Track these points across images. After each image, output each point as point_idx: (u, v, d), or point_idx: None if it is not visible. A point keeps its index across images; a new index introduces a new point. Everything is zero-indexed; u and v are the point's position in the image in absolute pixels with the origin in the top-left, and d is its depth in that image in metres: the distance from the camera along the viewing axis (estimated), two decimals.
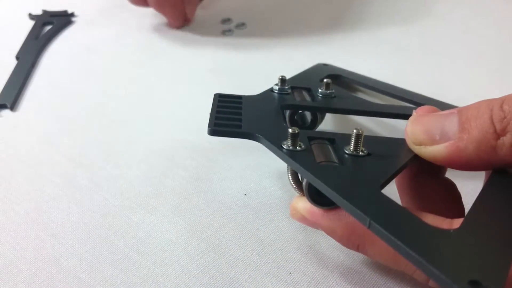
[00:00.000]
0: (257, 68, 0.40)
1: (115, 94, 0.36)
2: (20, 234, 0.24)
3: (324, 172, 0.19)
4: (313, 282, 0.21)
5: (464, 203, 0.22)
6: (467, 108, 0.19)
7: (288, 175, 0.21)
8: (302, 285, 0.21)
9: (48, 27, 0.47)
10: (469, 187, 0.23)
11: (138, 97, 0.36)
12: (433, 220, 0.18)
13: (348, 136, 0.21)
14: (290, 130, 0.20)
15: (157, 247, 0.23)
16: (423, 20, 0.49)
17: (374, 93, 0.34)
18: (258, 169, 0.28)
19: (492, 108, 0.18)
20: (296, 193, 0.22)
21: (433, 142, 0.19)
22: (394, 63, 0.41)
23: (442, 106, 0.29)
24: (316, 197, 0.20)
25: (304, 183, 0.20)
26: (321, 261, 0.22)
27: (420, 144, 0.20)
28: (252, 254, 0.23)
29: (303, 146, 0.21)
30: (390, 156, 0.20)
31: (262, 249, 0.23)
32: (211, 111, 0.24)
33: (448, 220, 0.18)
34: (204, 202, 0.26)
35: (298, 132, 0.20)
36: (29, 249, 0.23)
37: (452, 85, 0.37)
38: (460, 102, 0.30)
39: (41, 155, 0.29)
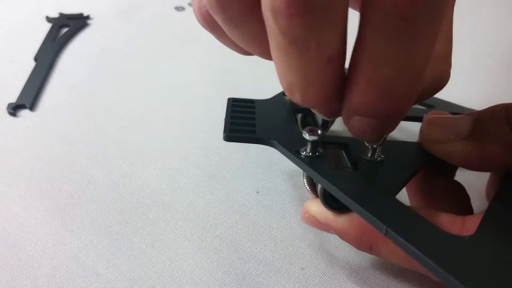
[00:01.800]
0: (269, 70, 0.41)
1: (131, 94, 0.37)
2: (40, 230, 0.24)
3: (339, 178, 0.19)
4: (324, 277, 0.22)
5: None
6: (482, 110, 0.19)
7: (303, 180, 0.22)
8: (314, 281, 0.22)
9: (65, 30, 0.48)
10: (476, 189, 0.23)
11: (154, 98, 0.37)
12: (446, 218, 0.18)
13: (361, 141, 0.21)
14: (308, 137, 0.20)
15: (172, 243, 0.24)
16: None
17: None
18: (270, 167, 0.29)
19: (507, 109, 0.18)
20: (310, 196, 0.22)
21: (449, 140, 0.19)
22: None
23: (449, 106, 0.29)
24: (331, 202, 0.20)
25: (319, 188, 0.20)
26: (332, 257, 0.23)
27: (435, 142, 0.20)
28: (265, 250, 0.23)
29: (321, 151, 0.20)
30: (404, 160, 0.20)
31: (275, 245, 0.23)
32: (226, 117, 0.24)
33: (460, 217, 0.18)
34: (218, 200, 0.26)
35: (317, 140, 0.20)
36: (49, 244, 0.24)
37: (457, 85, 0.37)
38: (466, 102, 0.30)
39: (60, 154, 0.30)
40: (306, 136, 0.20)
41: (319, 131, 0.20)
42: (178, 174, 0.28)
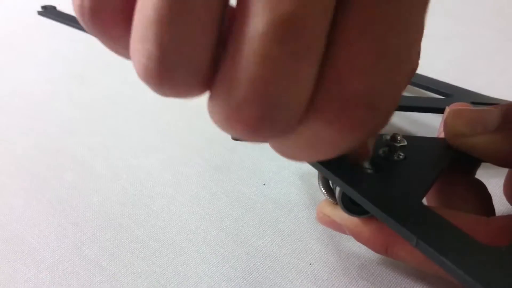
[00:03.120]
0: None
1: (134, 83, 0.36)
2: (43, 222, 0.24)
3: (360, 181, 0.17)
4: (334, 273, 0.21)
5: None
6: (511, 102, 0.18)
7: (318, 182, 0.20)
8: (323, 276, 0.21)
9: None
10: (495, 187, 0.22)
11: None
12: (468, 219, 0.17)
13: (379, 137, 0.19)
14: None
15: (176, 236, 0.23)
16: (449, 1, 0.48)
17: None
18: (277, 158, 0.28)
19: None
20: (322, 194, 0.21)
21: (475, 133, 0.18)
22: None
23: (469, 94, 0.28)
24: (351, 206, 0.19)
25: (337, 192, 0.19)
26: (342, 252, 0.22)
27: (460, 135, 0.19)
28: (272, 244, 0.23)
29: None
30: (428, 159, 0.19)
31: (282, 239, 0.23)
32: None
33: (484, 218, 0.17)
34: (223, 192, 0.26)
35: None
36: (51, 236, 0.23)
37: (480, 71, 0.36)
38: (488, 89, 0.29)
39: (61, 145, 0.30)
40: None
41: None
42: (182, 165, 0.28)
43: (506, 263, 0.14)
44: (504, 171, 0.21)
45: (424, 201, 0.22)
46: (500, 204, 0.23)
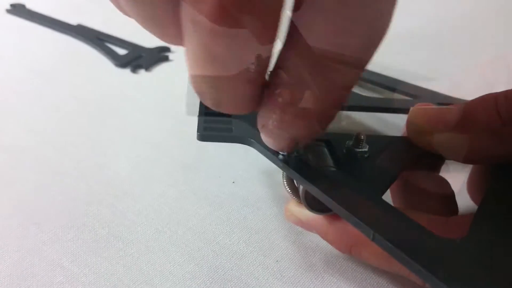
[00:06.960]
0: None
1: (102, 82, 0.36)
2: (3, 223, 0.23)
3: (322, 178, 0.18)
4: (300, 270, 0.21)
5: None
6: (472, 100, 0.19)
7: (283, 180, 0.20)
8: (289, 273, 0.21)
9: None
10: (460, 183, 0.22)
11: (126, 85, 0.36)
12: (428, 219, 0.17)
13: (344, 136, 0.20)
14: None
15: (142, 236, 0.23)
16: (420, 3, 0.49)
17: (369, 85, 0.34)
18: (247, 156, 0.28)
19: (497, 100, 0.18)
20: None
21: (436, 131, 0.19)
22: (389, 51, 0.40)
23: (435, 96, 0.29)
24: (313, 204, 0.19)
25: (300, 190, 0.19)
26: (308, 249, 0.22)
27: (422, 133, 0.19)
28: (239, 242, 0.22)
29: (300, 151, 0.19)
30: (390, 157, 0.19)
31: (249, 237, 0.23)
32: (199, 114, 0.22)
33: (443, 218, 0.17)
34: (191, 190, 0.25)
35: None
36: (12, 237, 0.22)
37: (446, 72, 0.37)
38: (454, 90, 0.29)
39: (26, 143, 0.29)
40: None
41: None
42: (149, 164, 0.27)
43: (461, 254, 0.14)
44: (469, 168, 0.22)
45: (390, 200, 0.22)
46: (464, 200, 0.23)
